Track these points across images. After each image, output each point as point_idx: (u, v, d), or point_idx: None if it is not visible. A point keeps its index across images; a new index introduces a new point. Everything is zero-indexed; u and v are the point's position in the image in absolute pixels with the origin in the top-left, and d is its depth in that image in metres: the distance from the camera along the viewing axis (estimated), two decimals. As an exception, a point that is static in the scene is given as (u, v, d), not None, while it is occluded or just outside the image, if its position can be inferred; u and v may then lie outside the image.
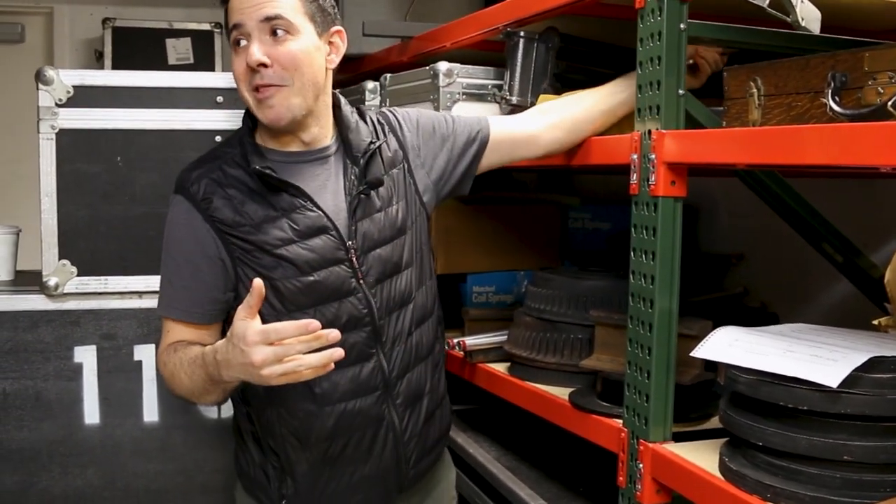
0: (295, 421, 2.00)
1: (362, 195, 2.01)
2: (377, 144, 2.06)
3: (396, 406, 2.04)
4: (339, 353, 1.74)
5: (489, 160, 2.20)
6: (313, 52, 1.97)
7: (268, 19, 1.91)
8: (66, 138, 2.55)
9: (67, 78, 2.56)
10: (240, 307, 1.75)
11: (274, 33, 1.92)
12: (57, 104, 2.54)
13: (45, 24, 5.33)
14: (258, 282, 1.73)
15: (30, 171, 2.63)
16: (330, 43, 2.03)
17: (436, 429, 2.16)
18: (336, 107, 2.08)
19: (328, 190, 2.02)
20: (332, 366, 1.75)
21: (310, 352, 1.72)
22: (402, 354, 2.04)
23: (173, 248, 2.02)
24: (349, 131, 2.06)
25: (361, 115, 2.13)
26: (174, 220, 2.02)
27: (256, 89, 1.93)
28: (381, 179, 2.04)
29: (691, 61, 2.05)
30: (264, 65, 1.91)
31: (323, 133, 2.05)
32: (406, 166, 2.12)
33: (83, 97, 2.57)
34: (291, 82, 1.93)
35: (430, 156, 2.15)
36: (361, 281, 1.98)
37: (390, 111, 2.20)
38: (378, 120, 2.15)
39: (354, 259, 1.98)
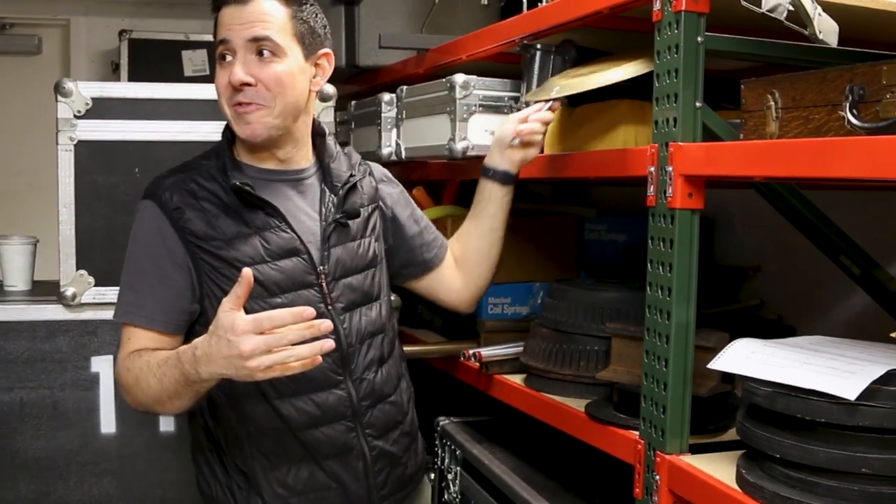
0: (266, 440, 1.99)
1: (338, 223, 2.03)
2: (357, 177, 2.11)
3: (366, 436, 2.04)
4: (329, 344, 1.73)
5: (422, 282, 2.32)
6: (297, 74, 1.99)
7: (255, 40, 1.93)
8: (85, 149, 2.57)
9: (86, 90, 2.58)
10: (225, 299, 1.73)
11: (260, 53, 1.94)
12: (76, 116, 2.56)
13: (61, 36, 5.37)
14: (247, 271, 1.71)
15: (46, 181, 2.65)
16: (316, 65, 2.05)
17: (412, 463, 2.18)
18: (320, 136, 2.12)
19: (302, 213, 2.04)
20: (320, 359, 1.73)
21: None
22: (374, 384, 2.05)
23: (140, 253, 2.00)
24: (331, 160, 2.10)
25: (344, 149, 2.19)
26: (143, 226, 2.01)
27: (236, 106, 1.95)
28: (359, 211, 2.09)
29: (517, 141, 2.13)
30: (247, 84, 1.93)
31: (301, 154, 2.08)
32: (381, 211, 2.19)
33: (102, 109, 2.59)
34: (273, 103, 1.96)
35: (398, 224, 2.27)
36: (330, 307, 2.00)
37: (376, 164, 2.29)
38: (361, 162, 2.21)
39: (324, 284, 1.99)
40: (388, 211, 2.23)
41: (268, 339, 1.67)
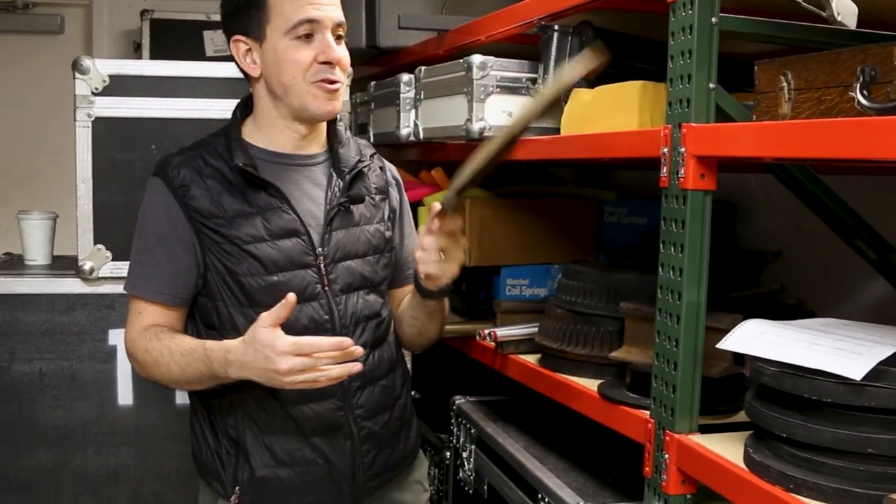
0: (258, 409, 2.03)
1: (342, 207, 2.06)
2: (365, 163, 2.14)
3: (356, 416, 2.07)
4: (357, 367, 1.85)
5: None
6: None
7: (339, 24, 2.01)
8: (102, 126, 2.61)
9: (104, 67, 2.61)
10: (265, 314, 1.82)
11: (338, 36, 2.02)
12: (93, 93, 2.59)
13: (84, 15, 5.39)
14: (292, 297, 1.81)
15: (68, 160, 2.68)
16: None
17: (401, 447, 2.20)
18: (332, 121, 2.14)
19: (307, 196, 2.07)
20: (347, 377, 1.86)
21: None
22: (365, 366, 2.06)
23: (148, 229, 2.05)
24: (340, 145, 2.14)
25: (357, 139, 2.23)
26: (151, 202, 2.06)
27: (324, 82, 2.00)
28: (363, 196, 2.11)
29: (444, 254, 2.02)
30: (338, 63, 2.01)
31: (317, 137, 2.13)
32: (389, 203, 2.22)
33: (119, 86, 2.62)
34: (344, 82, 2.04)
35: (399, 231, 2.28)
36: (326, 288, 2.03)
37: (392, 166, 2.31)
38: (375, 155, 2.24)
39: (322, 266, 2.03)
40: (396, 210, 2.25)
41: (305, 361, 1.80)
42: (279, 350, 1.78)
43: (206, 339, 1.98)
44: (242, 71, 2.08)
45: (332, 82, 2.00)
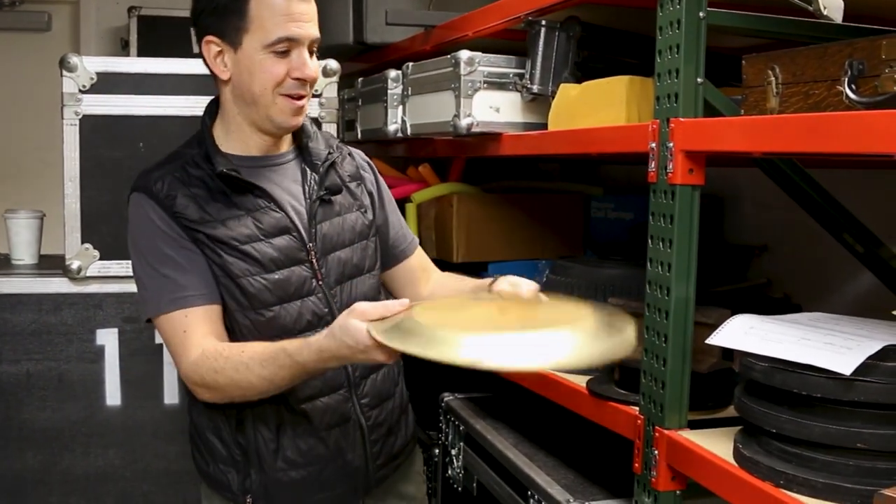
0: (269, 414, 2.01)
1: (322, 200, 2.07)
2: (335, 155, 2.14)
3: (362, 406, 2.08)
4: None
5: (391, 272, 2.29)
6: None
7: (315, 40, 2.00)
8: (90, 124, 2.59)
9: (91, 65, 2.60)
10: (362, 305, 1.76)
11: (311, 52, 2.00)
12: (80, 90, 2.58)
13: (71, 12, 5.37)
14: (406, 301, 1.77)
15: (56, 158, 2.67)
16: None
17: (402, 434, 2.21)
18: None
19: (288, 193, 2.07)
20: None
21: None
22: None
23: (153, 242, 1.98)
24: (309, 139, 2.13)
25: (319, 128, 2.24)
26: (142, 216, 1.99)
27: (292, 97, 1.99)
28: (340, 186, 2.11)
29: None
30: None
31: (286, 138, 2.13)
32: (365, 188, 2.21)
33: (106, 84, 2.61)
34: (310, 94, 2.05)
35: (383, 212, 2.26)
36: (321, 282, 2.03)
37: (358, 151, 2.30)
38: (339, 145, 2.23)
39: (314, 261, 2.03)
40: (373, 193, 2.24)
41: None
42: (371, 346, 1.70)
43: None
44: (211, 71, 2.04)
45: (301, 97, 2.00)
